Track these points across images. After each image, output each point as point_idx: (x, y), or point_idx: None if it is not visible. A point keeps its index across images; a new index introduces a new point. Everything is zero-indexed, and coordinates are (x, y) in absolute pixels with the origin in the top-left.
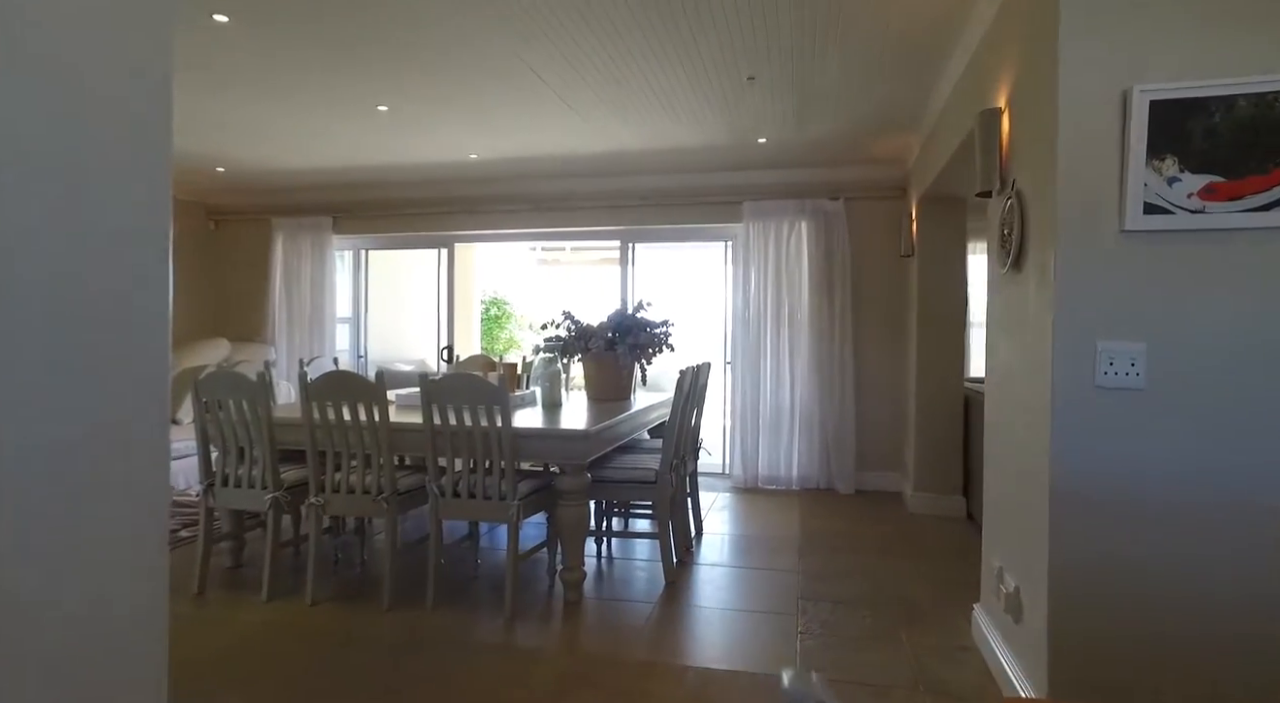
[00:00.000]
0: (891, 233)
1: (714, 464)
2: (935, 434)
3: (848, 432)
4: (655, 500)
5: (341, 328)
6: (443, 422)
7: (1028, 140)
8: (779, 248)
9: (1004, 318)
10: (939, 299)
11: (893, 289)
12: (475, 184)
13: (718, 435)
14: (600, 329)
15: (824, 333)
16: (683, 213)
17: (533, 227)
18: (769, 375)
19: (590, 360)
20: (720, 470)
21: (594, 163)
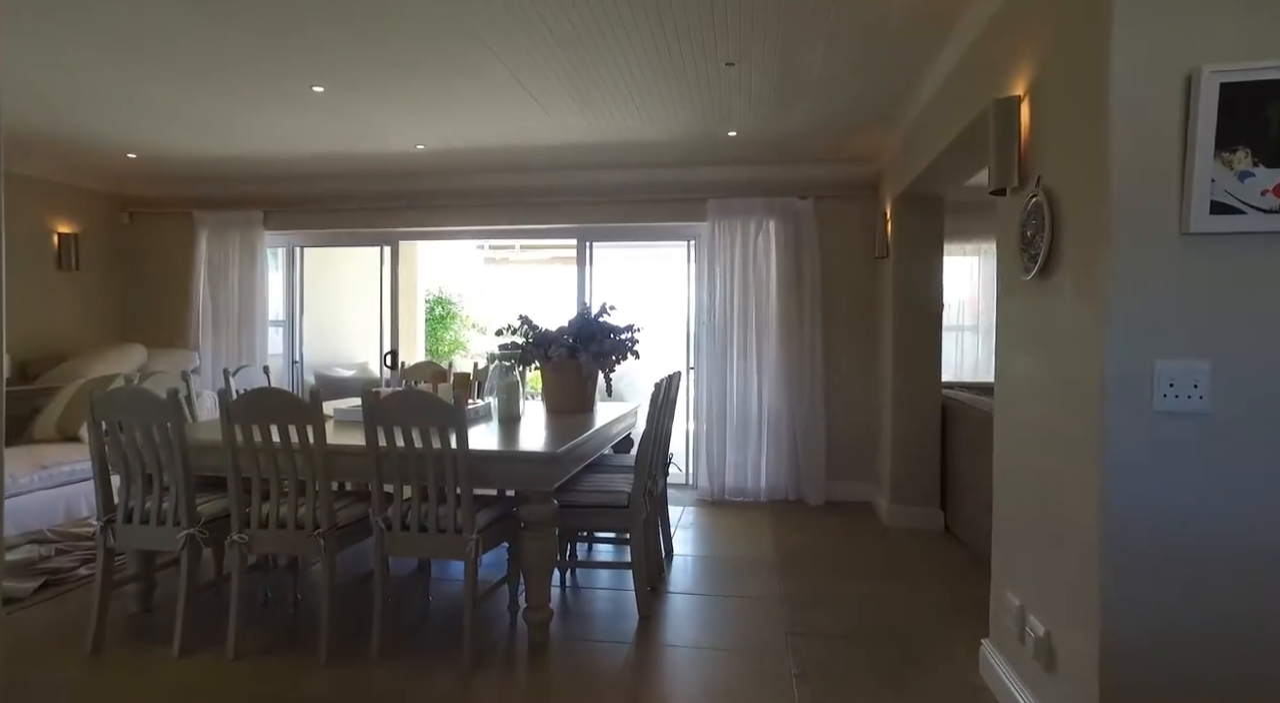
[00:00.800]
0: (862, 233)
1: (677, 475)
2: (912, 444)
3: (817, 440)
4: (629, 527)
5: (274, 331)
6: (389, 445)
7: (1059, 131)
8: (745, 248)
9: (1024, 331)
10: (916, 303)
11: (864, 291)
12: (422, 177)
13: (680, 445)
14: (561, 335)
15: (793, 337)
16: (644, 210)
17: (485, 223)
18: (735, 382)
19: (550, 369)
20: (684, 481)
21: (551, 156)
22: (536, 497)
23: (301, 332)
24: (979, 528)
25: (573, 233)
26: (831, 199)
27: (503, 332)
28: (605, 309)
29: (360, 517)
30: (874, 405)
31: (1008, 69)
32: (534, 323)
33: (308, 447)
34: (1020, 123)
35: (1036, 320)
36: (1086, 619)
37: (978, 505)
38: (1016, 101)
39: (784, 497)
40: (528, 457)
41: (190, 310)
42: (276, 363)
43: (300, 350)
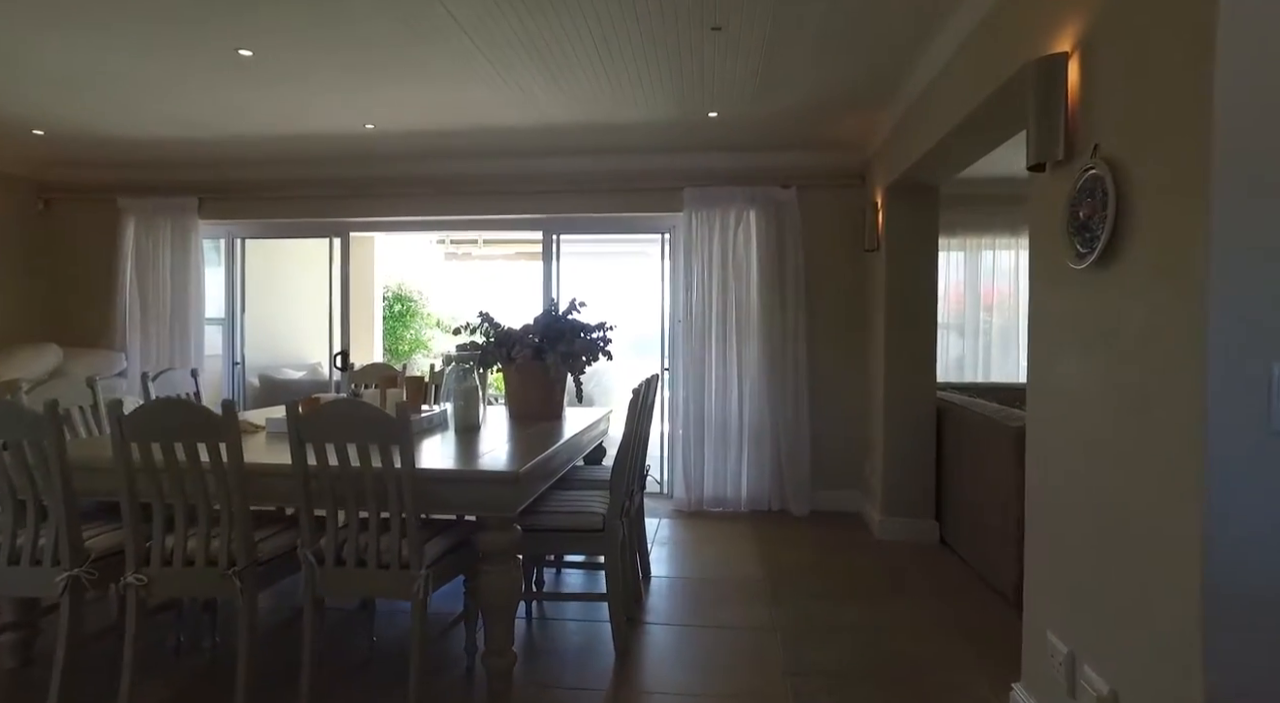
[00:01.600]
0: (850, 225)
1: (652, 484)
2: (905, 450)
3: (802, 447)
4: (605, 553)
5: (212, 330)
6: (320, 464)
7: (1126, 87)
8: (724, 240)
9: (1073, 328)
10: (910, 299)
11: (852, 287)
12: (373, 162)
13: (656, 451)
14: (525, 334)
15: (775, 336)
16: (616, 199)
17: (441, 213)
18: (714, 384)
19: (514, 372)
20: (659, 490)
21: (514, 139)
22: (497, 523)
23: (243, 330)
24: (977, 541)
25: (538, 224)
26: (816, 188)
27: (461, 331)
28: (574, 306)
29: (288, 548)
30: (862, 409)
31: (1047, 24)
32: (495, 321)
33: (221, 467)
34: (1067, 84)
35: (1094, 316)
36: (1183, 682)
37: (975, 517)
38: (1062, 59)
39: (766, 507)
40: (486, 477)
41: (115, 307)
42: (215, 364)
43: (241, 351)
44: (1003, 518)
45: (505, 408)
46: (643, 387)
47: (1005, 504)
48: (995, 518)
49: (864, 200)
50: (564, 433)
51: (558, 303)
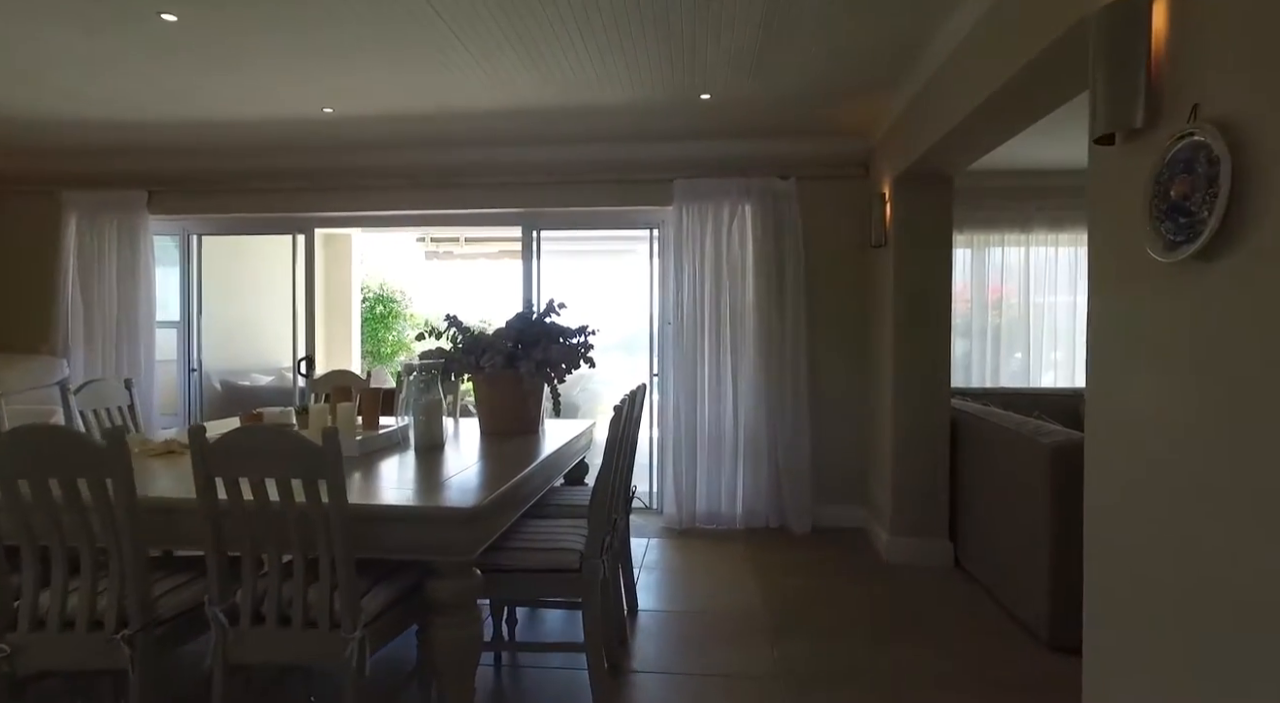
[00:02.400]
0: (854, 219)
1: (639, 497)
2: (917, 464)
3: (802, 459)
4: (582, 596)
5: (167, 334)
6: (233, 499)
7: (1251, 32)
8: (718, 236)
9: (1161, 336)
10: (921, 299)
11: (856, 286)
12: (336, 152)
13: (643, 463)
14: (498, 339)
15: (773, 339)
16: (600, 192)
17: (413, 207)
18: (707, 392)
19: (484, 383)
20: (647, 505)
21: (488, 127)
22: (452, 569)
23: (199, 334)
24: (1001, 568)
25: (516, 219)
26: (817, 180)
27: (425, 336)
28: (553, 307)
29: (196, 602)
30: (868, 419)
31: None
32: (464, 325)
33: (109, 507)
34: (1152, 34)
35: (1191, 322)
36: None
37: (998, 541)
38: (1142, 4)
39: (764, 524)
40: (436, 515)
41: (56, 310)
42: (169, 371)
43: (198, 356)
44: (1032, 545)
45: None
46: (625, 403)
47: (1036, 530)
48: (1023, 543)
49: (869, 192)
50: (540, 451)
51: (535, 304)
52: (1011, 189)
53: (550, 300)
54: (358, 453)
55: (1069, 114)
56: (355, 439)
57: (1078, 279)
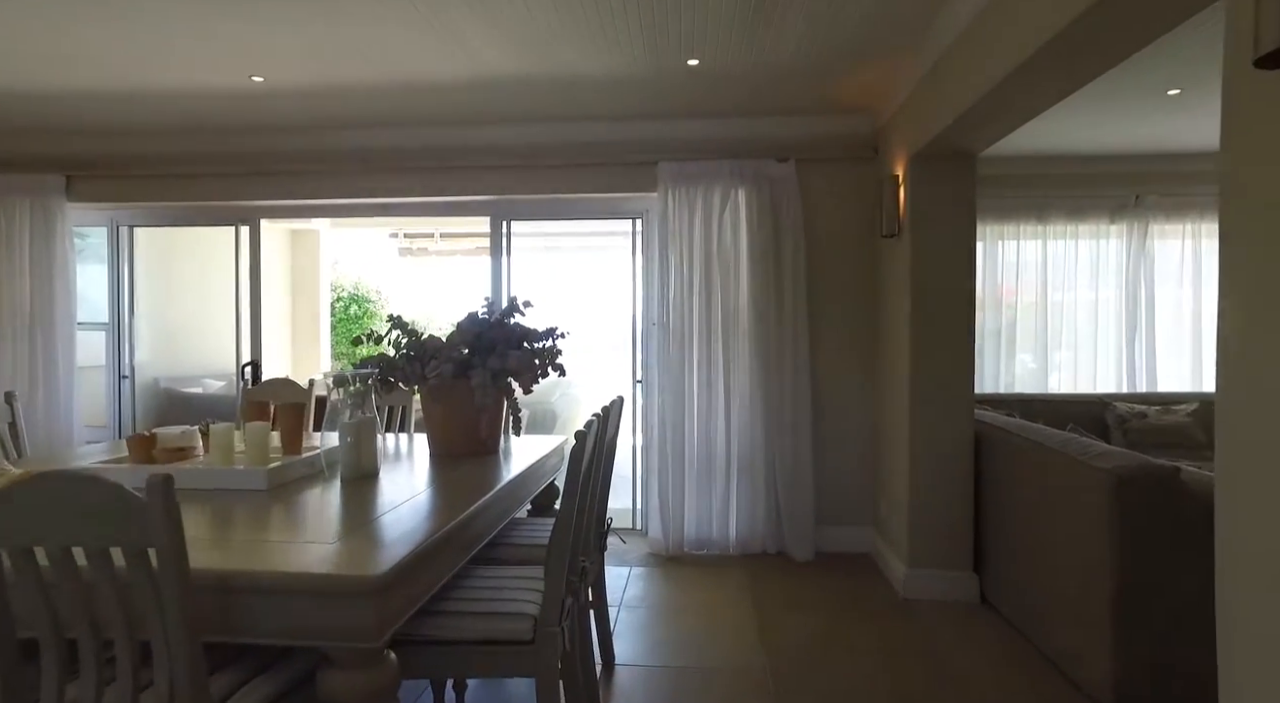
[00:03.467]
0: (861, 206)
1: (622, 516)
2: (937, 485)
3: (803, 475)
4: (535, 675)
5: (92, 336)
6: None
7: None
8: (708, 226)
9: None
10: (941, 296)
11: (864, 282)
12: (279, 133)
13: (626, 480)
14: (450, 344)
15: (770, 341)
16: (576, 177)
17: (367, 195)
18: (697, 400)
19: (429, 395)
20: (631, 525)
21: (449, 101)
22: (350, 659)
23: (132, 337)
24: (1033, 605)
25: (484, 208)
26: (820, 162)
27: (363, 340)
28: (515, 307)
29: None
30: (877, 431)
31: None
32: (410, 327)
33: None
34: None
35: None
36: None
37: (1039, 581)
38: None
39: (761, 549)
40: (326, 587)
41: None
42: (96, 378)
43: (130, 361)
44: (1087, 589)
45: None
46: (594, 425)
47: (1092, 572)
48: (1071, 585)
49: (878, 176)
50: (498, 477)
51: (492, 303)
52: (1025, 177)
53: (512, 298)
54: (265, 486)
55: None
56: (263, 469)
57: (1099, 274)
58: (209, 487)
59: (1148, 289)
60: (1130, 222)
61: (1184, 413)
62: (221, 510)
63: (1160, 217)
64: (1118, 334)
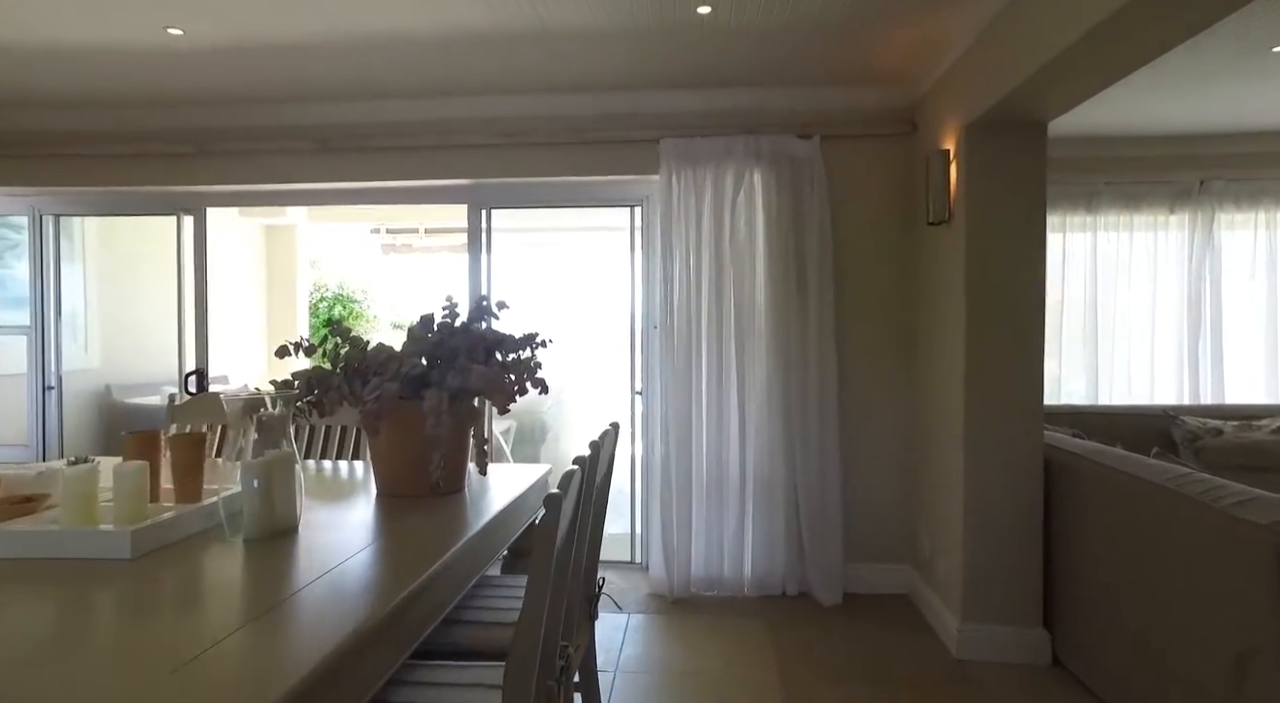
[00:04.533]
0: (897, 188)
1: (618, 544)
2: (999, 523)
3: (830, 503)
4: None
5: (13, 341)
6: None
7: None
8: (719, 214)
9: None
10: (1003, 294)
11: (903, 278)
12: (215, 106)
13: (623, 507)
14: (405, 354)
15: (792, 348)
16: (565, 157)
17: (325, 179)
18: (706, 414)
19: (369, 420)
20: (629, 557)
21: (416, 67)
22: None
23: (58, 340)
24: (1120, 665)
25: (460, 194)
26: (849, 139)
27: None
28: (487, 309)
29: None
30: (917, 452)
31: None
32: (353, 335)
33: None
34: None
35: None
36: None
37: (1119, 629)
38: None
39: (780, 590)
40: None
41: None
42: (15, 387)
43: (56, 369)
44: (1209, 659)
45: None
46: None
47: (1224, 641)
48: (1193, 655)
49: (920, 153)
50: (456, 531)
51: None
52: (1072, 161)
53: (481, 299)
54: (128, 554)
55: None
56: (125, 531)
57: (1157, 269)
58: (54, 555)
59: (1213, 287)
60: (1193, 210)
61: (1269, 429)
62: (60, 597)
63: (1229, 204)
64: (1178, 338)
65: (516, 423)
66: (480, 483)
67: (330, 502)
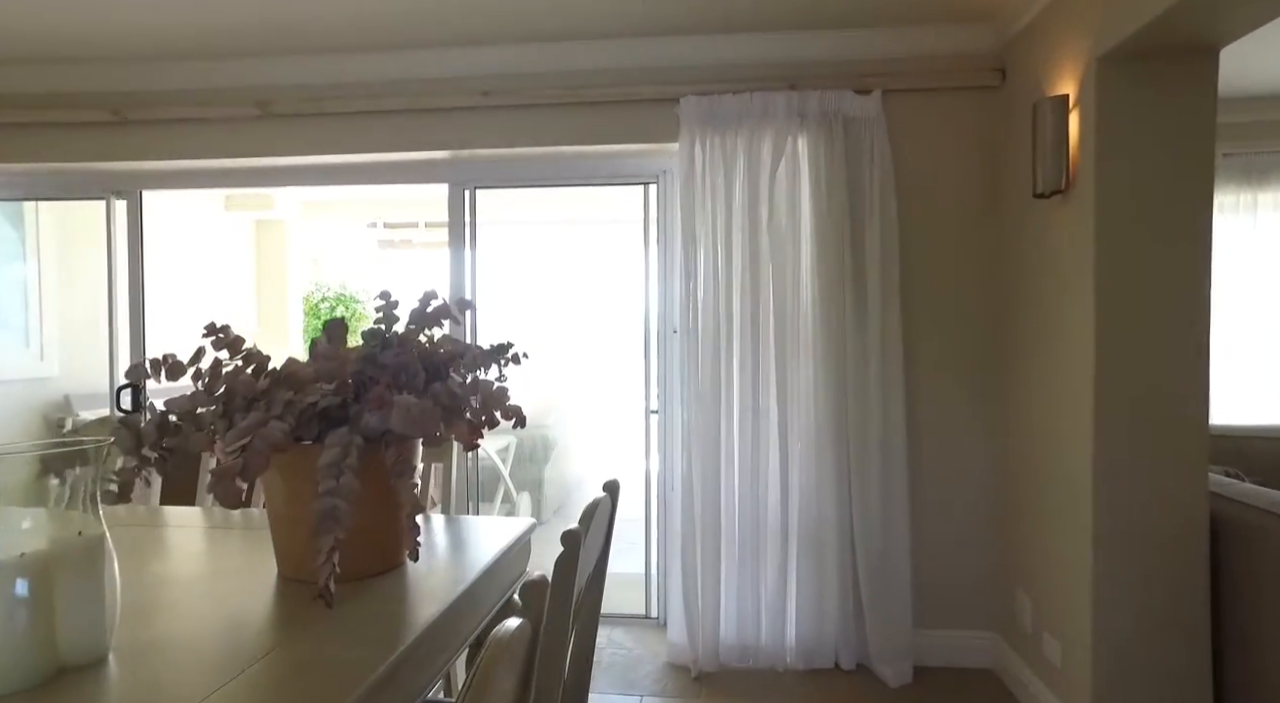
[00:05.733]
0: (983, 156)
1: (629, 593)
2: (1144, 600)
3: (896, 554)
4: None
5: None
6: None
7: None
8: (754, 191)
9: None
10: (1159, 286)
11: (990, 267)
12: (132, 64)
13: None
14: (298, 381)
15: (847, 358)
16: (562, 122)
17: (267, 152)
18: (738, 440)
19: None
20: (643, 611)
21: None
22: None
23: None
24: None
25: (437, 171)
26: (919, 93)
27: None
28: (439, 312)
29: None
30: (1013, 494)
31: None
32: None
33: None
34: None
35: None
36: None
37: None
38: None
39: (832, 662)
40: None
41: None
42: None
43: None
44: None
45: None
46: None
47: None
48: None
49: (1014, 107)
50: (385, 646)
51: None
52: None
53: (426, 295)
54: None
55: None
56: None
57: None
58: None
59: None
60: None
61: None
62: None
63: None
64: None
65: (515, 439)
66: (439, 541)
67: (187, 596)
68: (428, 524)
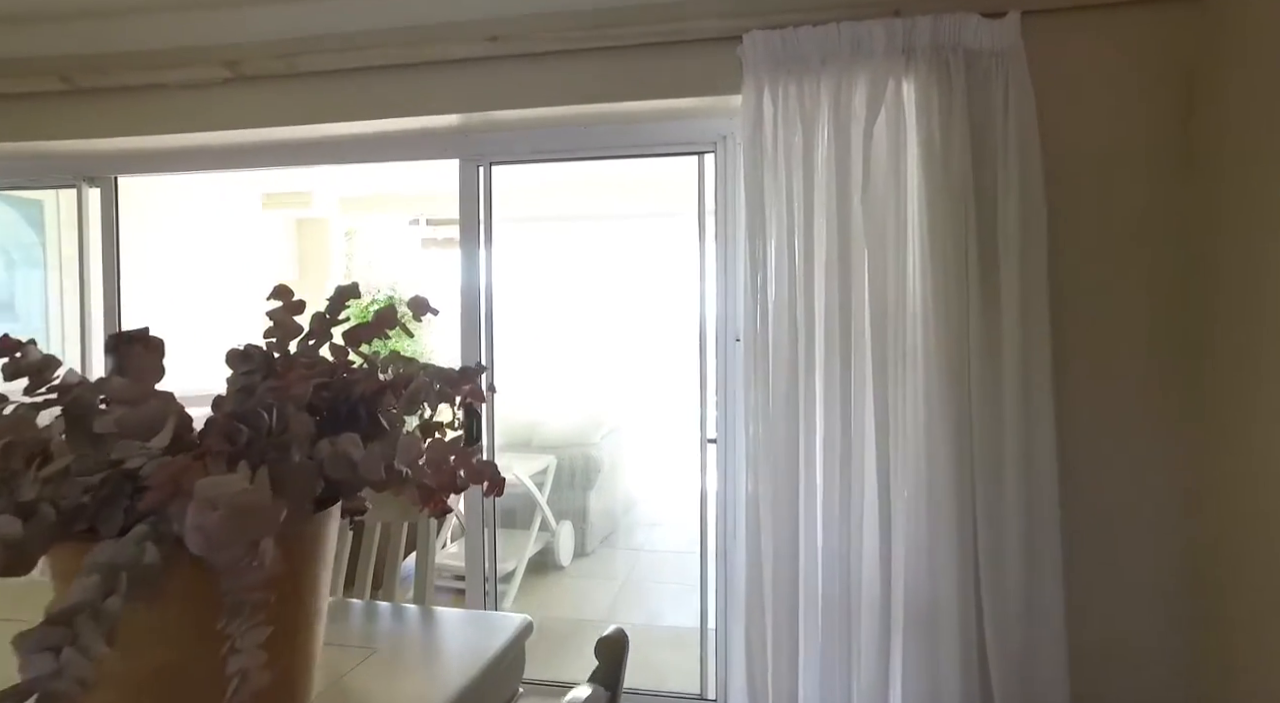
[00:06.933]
0: (1168, 99)
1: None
2: None
3: (1045, 642)
4: None
5: None
6: None
7: None
8: (843, 155)
9: None
10: None
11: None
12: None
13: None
14: (130, 426)
15: (973, 379)
16: (591, 72)
17: (241, 123)
18: (822, 484)
19: None
20: (699, 691)
21: None
22: None
23: None
24: None
25: (443, 144)
26: (1073, 13)
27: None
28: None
29: None
30: (1217, 557)
31: None
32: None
33: None
34: None
35: None
36: None
37: None
38: None
39: None
40: None
41: None
42: None
43: None
44: None
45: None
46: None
47: None
48: None
49: (1227, 22)
50: None
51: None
52: None
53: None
54: None
55: None
56: None
57: None
58: None
59: None
60: None
61: None
62: None
63: None
64: None
65: (554, 460)
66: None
67: None
68: (375, 621)
